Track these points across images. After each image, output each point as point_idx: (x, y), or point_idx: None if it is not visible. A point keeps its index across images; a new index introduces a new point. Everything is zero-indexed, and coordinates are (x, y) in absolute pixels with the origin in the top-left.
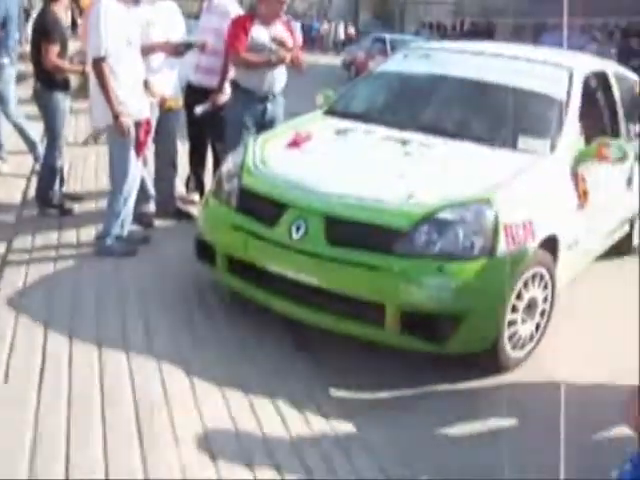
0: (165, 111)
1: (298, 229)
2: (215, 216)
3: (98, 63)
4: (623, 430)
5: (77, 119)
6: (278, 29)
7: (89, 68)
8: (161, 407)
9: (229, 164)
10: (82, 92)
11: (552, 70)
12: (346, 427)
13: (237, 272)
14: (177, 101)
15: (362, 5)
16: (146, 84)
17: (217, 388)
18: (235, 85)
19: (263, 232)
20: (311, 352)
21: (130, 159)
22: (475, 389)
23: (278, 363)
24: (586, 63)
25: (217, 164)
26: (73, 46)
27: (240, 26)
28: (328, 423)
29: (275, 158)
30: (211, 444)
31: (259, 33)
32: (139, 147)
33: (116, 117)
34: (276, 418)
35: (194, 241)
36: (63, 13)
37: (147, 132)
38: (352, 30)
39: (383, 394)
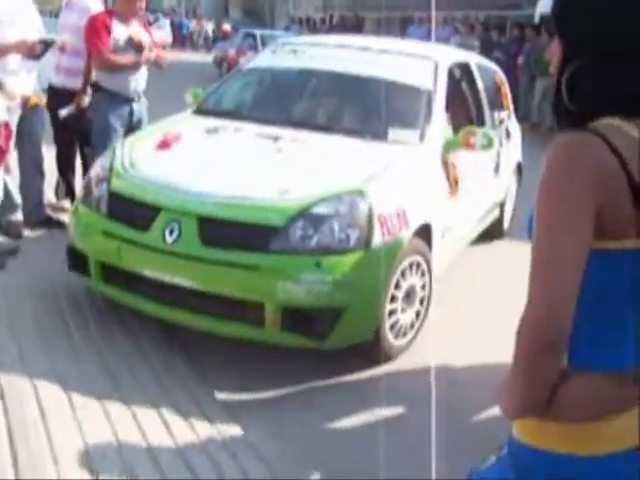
0: (29, 110)
1: (172, 232)
2: (85, 223)
3: None
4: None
5: None
6: (135, 28)
7: None
8: (37, 425)
9: (97, 168)
10: None
11: (418, 62)
12: (232, 429)
13: (112, 280)
14: (41, 98)
15: (231, 2)
16: (0, 86)
17: (96, 401)
18: (97, 87)
19: (136, 237)
20: (192, 356)
21: None
22: (361, 380)
23: (159, 370)
24: (450, 54)
25: (86, 169)
26: None
27: (100, 24)
28: (214, 427)
29: (144, 160)
30: (92, 459)
31: (119, 32)
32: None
33: None
34: (160, 427)
35: (66, 250)
36: None
37: (7, 137)
38: (227, 26)
39: (267, 393)
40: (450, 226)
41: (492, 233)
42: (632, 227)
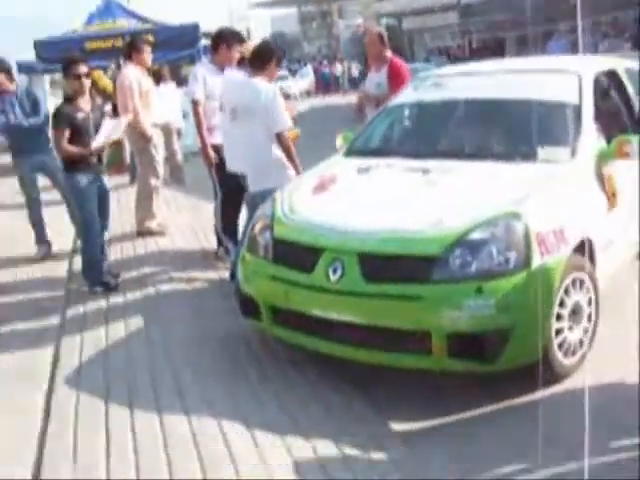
0: None
1: (335, 271)
2: (253, 270)
3: None
4: None
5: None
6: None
7: None
8: (225, 461)
9: (259, 218)
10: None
11: (561, 77)
12: (410, 461)
13: (283, 322)
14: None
15: None
16: None
17: (279, 438)
18: None
19: (301, 279)
20: (366, 390)
21: None
22: (535, 401)
23: (335, 407)
24: (593, 64)
25: None
26: None
27: None
28: (393, 462)
29: (303, 205)
30: None
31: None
32: None
33: None
34: (340, 460)
35: (237, 298)
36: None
37: None
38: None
39: (442, 420)
40: (612, 239)
41: None
42: None
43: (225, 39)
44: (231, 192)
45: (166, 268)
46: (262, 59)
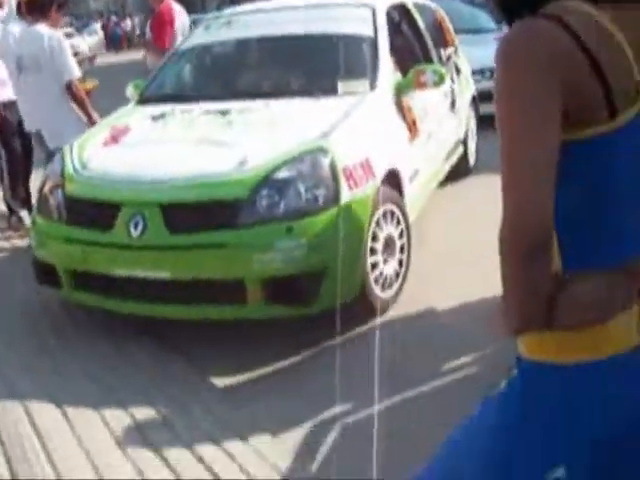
0: None
1: (136, 226)
2: (47, 233)
3: None
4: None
5: None
6: None
7: None
8: (34, 445)
9: (48, 176)
10: None
11: (355, 10)
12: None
13: (83, 287)
14: None
15: None
16: None
17: (93, 410)
18: None
19: (100, 238)
20: (180, 348)
21: None
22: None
23: (149, 368)
24: None
25: None
26: None
27: None
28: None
29: (95, 158)
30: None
31: None
32: None
33: None
34: (161, 425)
35: (32, 264)
36: None
37: None
38: None
39: (266, 369)
40: (417, 168)
41: (459, 170)
42: (602, 110)
43: None
44: (17, 155)
45: None
46: (42, 4)
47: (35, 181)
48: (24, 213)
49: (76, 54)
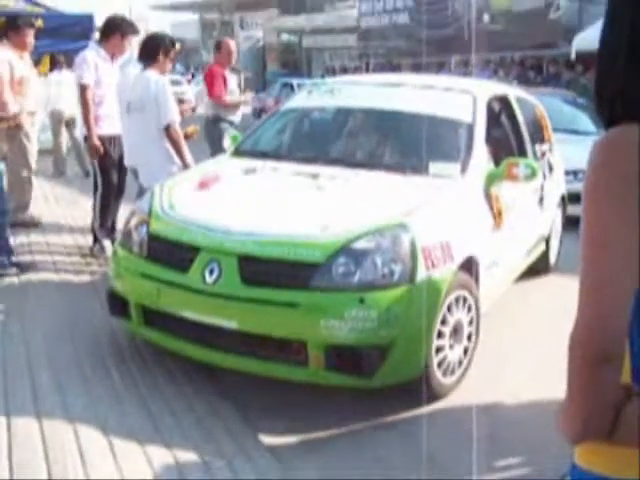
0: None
1: (211, 272)
2: (125, 267)
3: None
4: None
5: None
6: None
7: None
8: (76, 468)
9: (135, 212)
10: None
11: (456, 96)
12: (276, 473)
13: (152, 324)
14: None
15: (269, 56)
16: None
17: (138, 445)
18: None
19: (175, 278)
20: (236, 400)
21: None
22: (409, 419)
23: (202, 414)
24: (488, 88)
25: None
26: None
27: None
28: (257, 471)
29: (183, 202)
30: None
31: None
32: None
33: None
34: (202, 471)
35: (106, 295)
36: None
37: None
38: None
39: (313, 435)
40: (496, 259)
41: (539, 268)
42: None
43: (120, 27)
44: (112, 187)
45: (35, 262)
46: (149, 51)
47: (123, 214)
48: (107, 243)
49: (181, 101)
